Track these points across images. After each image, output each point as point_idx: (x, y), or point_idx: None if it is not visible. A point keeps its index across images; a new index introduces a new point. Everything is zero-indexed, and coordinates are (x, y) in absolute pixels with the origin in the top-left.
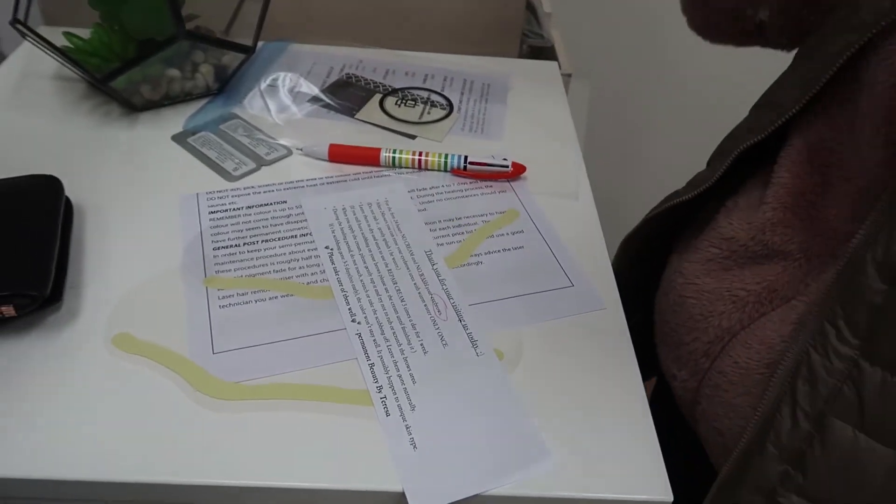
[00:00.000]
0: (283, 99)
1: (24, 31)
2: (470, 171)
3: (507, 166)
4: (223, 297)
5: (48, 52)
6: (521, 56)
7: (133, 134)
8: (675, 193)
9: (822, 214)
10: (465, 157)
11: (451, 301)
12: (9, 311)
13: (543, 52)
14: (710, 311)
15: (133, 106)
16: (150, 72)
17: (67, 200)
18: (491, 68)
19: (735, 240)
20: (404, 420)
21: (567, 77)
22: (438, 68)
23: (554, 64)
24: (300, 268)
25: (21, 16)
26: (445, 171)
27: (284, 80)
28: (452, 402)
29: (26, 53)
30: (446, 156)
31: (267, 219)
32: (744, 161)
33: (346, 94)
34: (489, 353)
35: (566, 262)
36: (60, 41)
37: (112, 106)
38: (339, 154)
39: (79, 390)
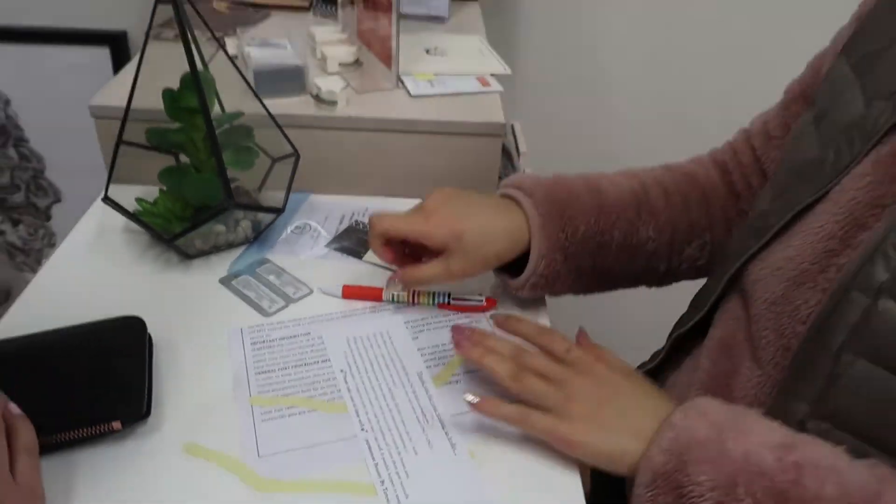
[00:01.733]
0: (304, 244)
1: (113, 206)
2: (452, 305)
3: (482, 301)
4: (264, 413)
5: (125, 215)
6: None
7: (188, 278)
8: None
9: None
10: (449, 294)
11: (437, 412)
12: (117, 426)
13: None
14: None
15: (188, 255)
16: (201, 229)
17: (150, 336)
18: None
19: None
20: None
21: None
22: None
23: None
24: (321, 387)
25: (108, 192)
26: (433, 305)
27: (305, 227)
28: (437, 492)
29: (98, 209)
30: (434, 294)
31: (295, 348)
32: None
33: (355, 239)
34: (463, 452)
35: None
36: (131, 202)
37: (171, 254)
38: (351, 293)
39: (158, 486)
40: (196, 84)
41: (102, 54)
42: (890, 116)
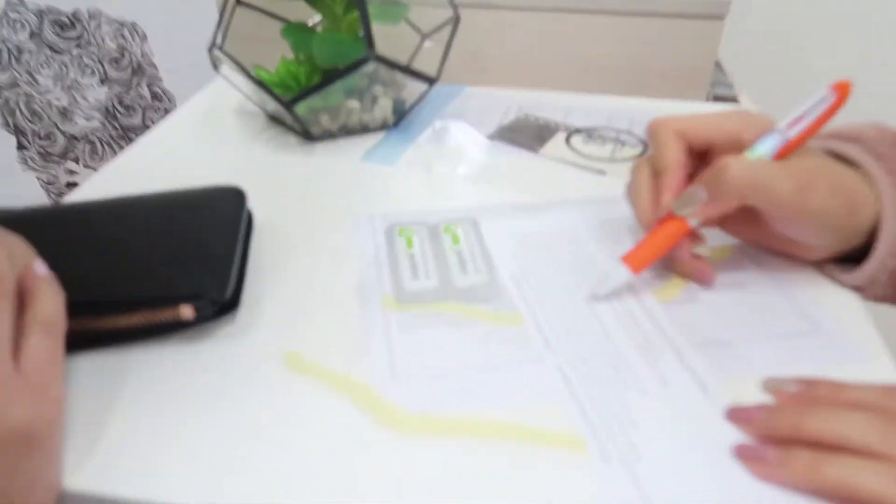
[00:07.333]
0: (458, 136)
1: (222, 56)
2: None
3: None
4: (402, 321)
5: (234, 83)
6: None
7: (311, 161)
8: None
9: None
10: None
11: (668, 336)
12: (187, 312)
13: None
14: None
15: (310, 135)
16: (330, 102)
17: (249, 213)
18: (679, 112)
19: None
20: (628, 468)
21: None
22: (622, 110)
23: (738, 105)
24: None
25: (219, 43)
26: None
27: (459, 118)
28: (684, 451)
29: (209, 94)
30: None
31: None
32: None
33: (527, 133)
34: (719, 394)
35: (800, 303)
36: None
37: (289, 137)
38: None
39: (244, 407)
40: None
41: None
42: None
